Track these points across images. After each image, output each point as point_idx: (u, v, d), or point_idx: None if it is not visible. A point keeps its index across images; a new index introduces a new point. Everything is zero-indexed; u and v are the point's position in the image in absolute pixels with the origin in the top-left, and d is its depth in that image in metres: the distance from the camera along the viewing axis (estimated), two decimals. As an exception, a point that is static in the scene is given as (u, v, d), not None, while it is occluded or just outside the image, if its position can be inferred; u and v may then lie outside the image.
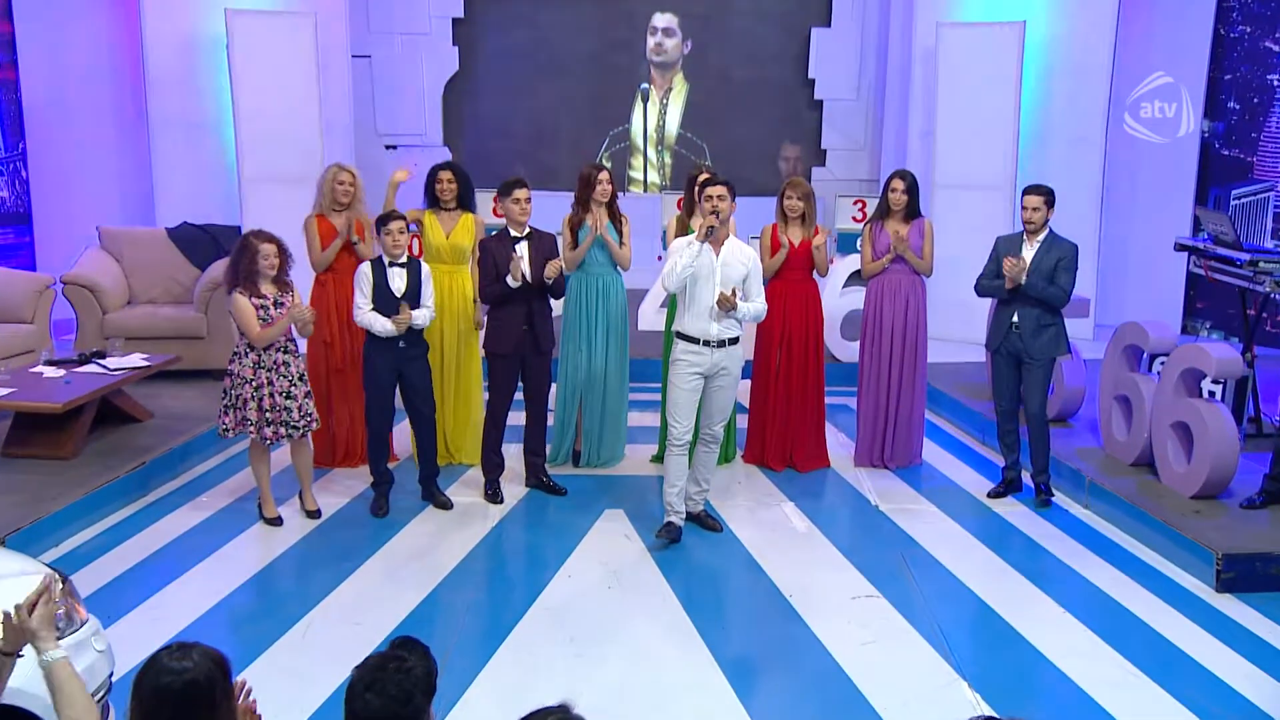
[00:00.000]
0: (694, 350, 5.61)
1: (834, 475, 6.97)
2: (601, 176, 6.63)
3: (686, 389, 5.64)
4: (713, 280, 5.56)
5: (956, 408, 8.11)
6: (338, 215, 6.57)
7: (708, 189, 5.65)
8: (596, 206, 6.64)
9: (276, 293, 5.77)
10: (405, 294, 5.97)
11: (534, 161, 12.00)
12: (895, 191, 6.75)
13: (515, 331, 6.16)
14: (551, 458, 6.89)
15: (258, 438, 5.80)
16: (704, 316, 5.58)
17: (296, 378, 5.84)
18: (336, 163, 6.72)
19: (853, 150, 12.30)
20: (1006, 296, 6.29)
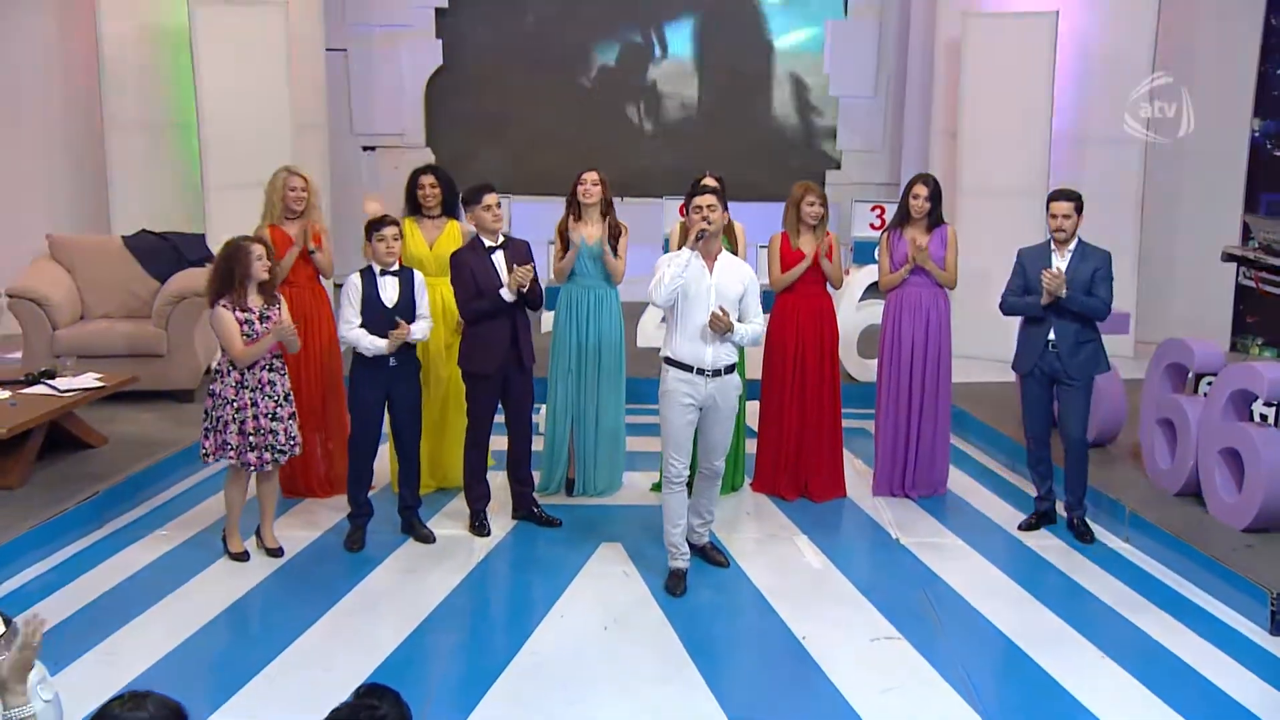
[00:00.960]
0: (687, 379, 5.52)
1: (851, 505, 6.96)
2: (586, 177, 6.64)
3: (681, 422, 5.57)
4: (706, 300, 5.47)
5: (984, 432, 8.10)
6: (292, 223, 6.58)
7: (695, 199, 5.58)
8: (588, 212, 6.66)
9: (263, 305, 5.78)
10: (398, 305, 5.97)
11: (526, 164, 12.05)
12: (918, 198, 6.76)
13: (499, 349, 6.16)
14: (542, 487, 6.89)
15: (238, 464, 5.78)
16: (697, 340, 5.48)
17: (282, 398, 5.84)
18: (285, 166, 6.74)
19: (870, 152, 12.34)
20: (1040, 313, 6.28)
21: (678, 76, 12.42)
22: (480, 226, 6.15)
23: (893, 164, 12.13)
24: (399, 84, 12.00)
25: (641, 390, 7.69)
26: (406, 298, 6.02)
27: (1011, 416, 8.12)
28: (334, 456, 6.83)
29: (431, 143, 12.17)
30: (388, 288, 6.01)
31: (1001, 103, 9.80)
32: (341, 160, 11.26)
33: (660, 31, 12.34)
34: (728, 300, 5.51)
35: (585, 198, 6.61)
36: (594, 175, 6.65)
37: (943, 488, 7.14)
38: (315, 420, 6.69)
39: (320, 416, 6.72)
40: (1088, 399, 6.35)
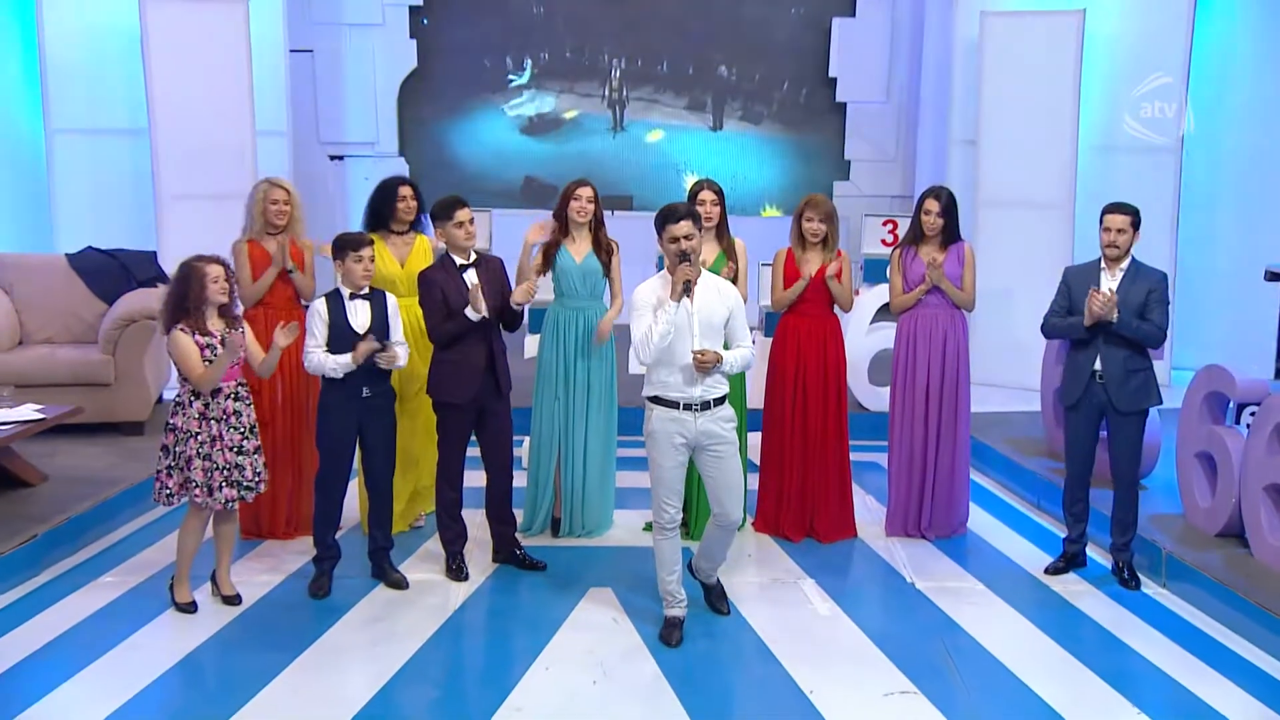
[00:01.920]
0: (674, 417, 5.44)
1: (862, 547, 6.95)
2: (581, 191, 6.65)
3: (672, 464, 5.52)
4: (689, 330, 5.41)
5: (1006, 466, 8.10)
6: (272, 239, 6.58)
7: (669, 227, 5.37)
8: (576, 229, 6.67)
9: (223, 328, 5.76)
10: (369, 331, 5.98)
11: (506, 176, 12.08)
12: (929, 214, 6.78)
13: (474, 375, 6.16)
14: (525, 527, 6.88)
15: (206, 502, 5.76)
16: (681, 374, 5.43)
17: (249, 429, 5.83)
18: (268, 178, 6.73)
19: (882, 162, 12.40)
20: (1084, 335, 6.27)
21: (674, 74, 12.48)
22: (451, 244, 6.15)
23: (906, 175, 12.19)
24: (370, 88, 12.03)
25: (634, 420, 7.66)
26: (379, 322, 6.02)
27: (1035, 448, 8.14)
28: (301, 494, 6.82)
29: (405, 151, 12.20)
30: (358, 312, 6.00)
31: (1024, 108, 9.86)
32: (307, 171, 11.27)
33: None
34: (712, 327, 5.44)
35: (579, 215, 6.63)
36: (589, 191, 6.66)
37: (962, 527, 7.14)
38: (288, 454, 6.68)
39: (293, 450, 6.71)
40: (1140, 434, 6.33)
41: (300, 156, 10.98)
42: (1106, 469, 6.50)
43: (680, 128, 12.48)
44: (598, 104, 12.44)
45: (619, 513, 7.13)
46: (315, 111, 11.91)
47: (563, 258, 6.67)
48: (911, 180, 11.89)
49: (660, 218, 5.47)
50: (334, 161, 12.10)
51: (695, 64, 12.40)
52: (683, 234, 5.37)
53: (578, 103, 12.45)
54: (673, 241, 5.39)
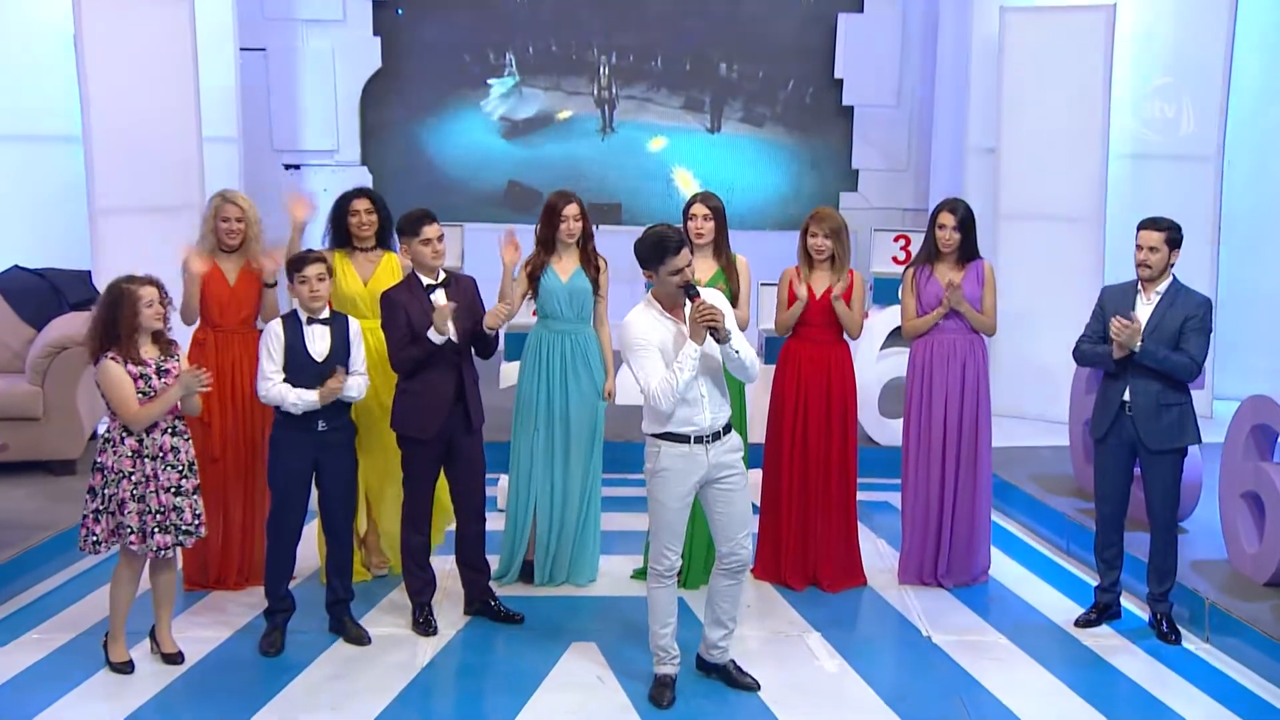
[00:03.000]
0: (685, 454, 5.44)
1: (872, 596, 6.94)
2: (568, 210, 6.65)
3: (679, 506, 5.52)
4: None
5: (1032, 507, 8.10)
6: (228, 258, 6.57)
7: (668, 261, 5.27)
8: (564, 247, 6.67)
9: (159, 356, 5.73)
10: (329, 358, 5.95)
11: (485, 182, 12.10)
12: (945, 229, 6.80)
13: (441, 406, 6.14)
14: (499, 574, 6.86)
15: (141, 549, 5.71)
16: (688, 402, 5.38)
17: (187, 467, 5.80)
18: (223, 192, 6.72)
19: (893, 171, 12.44)
20: (1113, 367, 6.27)
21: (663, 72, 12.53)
22: (417, 262, 6.14)
23: (919, 185, 12.22)
24: (329, 90, 12.05)
25: (621, 456, 7.67)
26: (339, 348, 6.00)
27: (1063, 487, 8.13)
28: (253, 540, 6.79)
29: (368, 160, 12.21)
30: (316, 337, 5.98)
31: (1049, 112, 9.89)
32: (259, 181, 11.25)
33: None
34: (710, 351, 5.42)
35: (566, 237, 6.64)
36: (575, 209, 6.67)
37: (983, 575, 7.13)
38: (238, 494, 6.65)
39: (244, 490, 6.68)
40: (1176, 474, 6.31)
41: (252, 165, 10.98)
42: (1142, 510, 6.50)
43: (675, 130, 12.51)
44: (586, 103, 12.46)
45: (605, 559, 7.11)
46: (269, 116, 11.92)
47: (548, 277, 6.67)
48: (925, 191, 11.93)
49: (650, 249, 5.36)
50: (289, 171, 12.11)
51: (692, 60, 12.43)
52: (686, 264, 5.34)
53: (564, 102, 12.47)
54: (674, 273, 5.34)
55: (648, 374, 5.31)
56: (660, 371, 5.29)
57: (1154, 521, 6.36)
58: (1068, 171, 9.87)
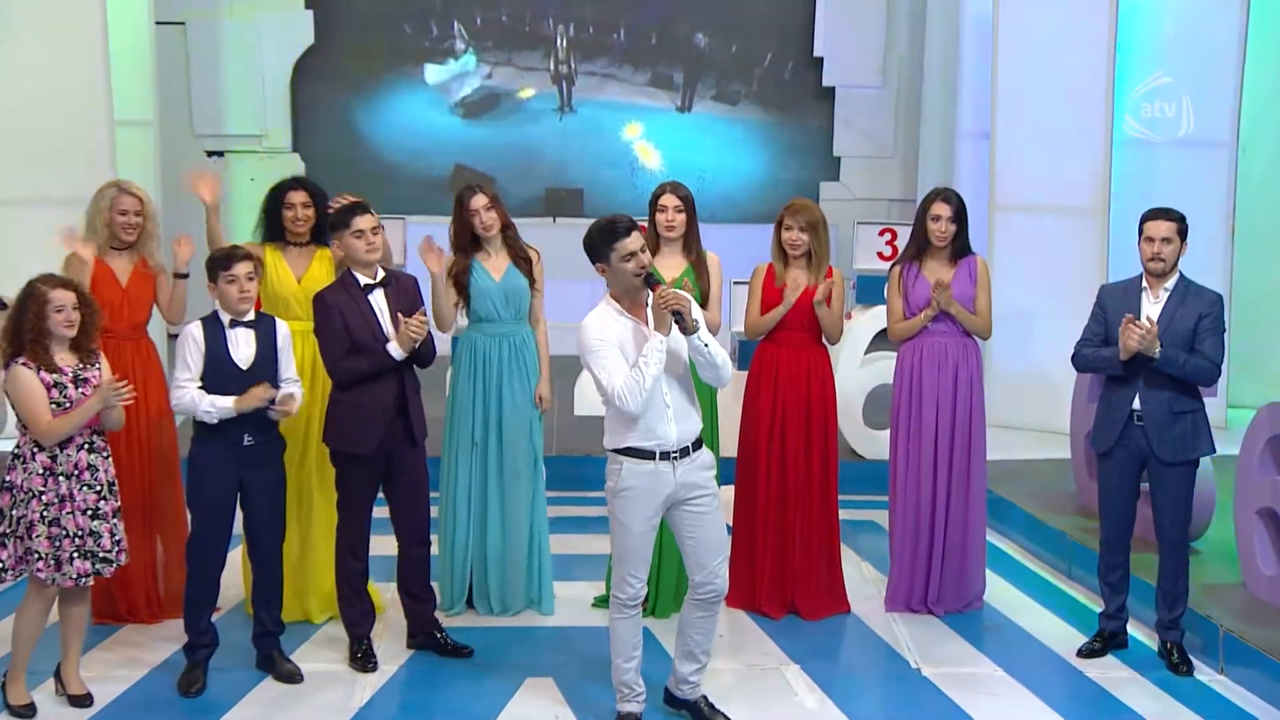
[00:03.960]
0: (651, 471, 5.42)
1: (857, 624, 6.96)
2: (475, 203, 6.64)
3: (644, 530, 5.50)
4: None
5: (1030, 526, 8.14)
6: (120, 255, 6.53)
7: (616, 245, 5.29)
8: (489, 243, 6.68)
9: (77, 364, 5.69)
10: (255, 366, 5.91)
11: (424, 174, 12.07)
12: (938, 220, 6.82)
13: (382, 418, 6.11)
14: (446, 605, 6.85)
15: (52, 577, 5.65)
16: (653, 414, 5.36)
17: (106, 488, 5.76)
18: (117, 182, 6.68)
19: (878, 158, 12.49)
20: (1120, 371, 6.31)
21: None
22: (351, 258, 6.10)
23: (907, 174, 12.28)
24: (256, 69, 12.01)
25: (582, 471, 7.66)
26: (266, 355, 5.96)
27: (1064, 504, 8.17)
28: (168, 568, 6.74)
29: (301, 146, 12.16)
30: (241, 342, 5.93)
31: (1048, 95, 9.95)
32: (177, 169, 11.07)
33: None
34: (671, 350, 5.37)
35: (483, 230, 6.65)
36: (483, 200, 6.65)
37: (978, 601, 7.16)
38: (143, 518, 6.60)
39: (149, 514, 6.64)
40: (1189, 488, 6.34)
41: (170, 152, 10.90)
42: (1150, 529, 6.53)
43: (641, 109, 12.49)
44: (541, 80, 12.44)
45: (560, 585, 7.10)
46: (188, 97, 11.88)
47: (479, 277, 6.66)
48: (913, 180, 11.99)
49: (599, 234, 5.36)
50: (212, 158, 12.06)
51: (659, 32, 12.42)
52: (638, 247, 5.34)
53: (516, 78, 12.44)
54: (625, 260, 5.34)
55: (610, 374, 5.28)
56: (624, 370, 5.28)
57: (1163, 541, 6.39)
58: (1069, 159, 9.93)
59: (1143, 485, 6.47)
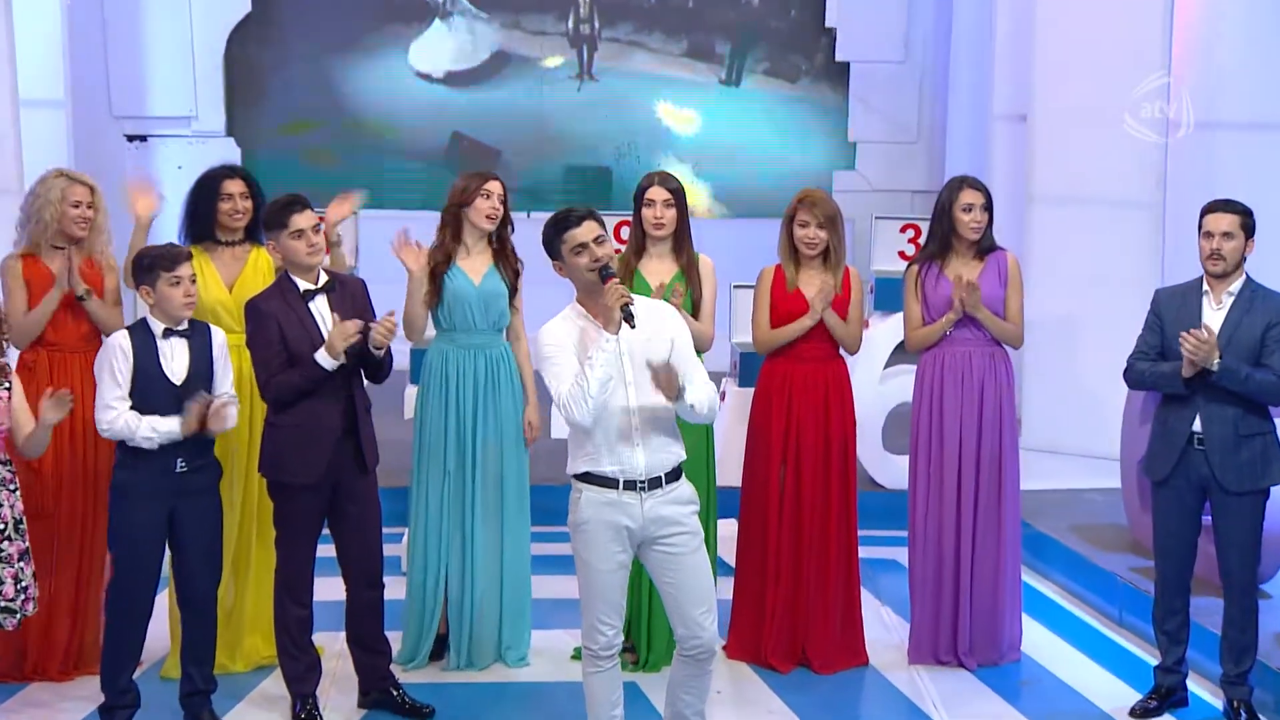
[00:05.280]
0: (612, 501, 5.40)
1: (876, 679, 6.98)
2: (490, 188, 6.66)
3: (609, 568, 5.47)
4: (620, 380, 5.37)
5: (1073, 565, 8.16)
6: (56, 255, 6.53)
7: (566, 234, 5.34)
8: (473, 237, 6.69)
9: None
10: (189, 381, 5.90)
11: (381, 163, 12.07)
12: (969, 210, 6.83)
13: (326, 443, 6.09)
14: (407, 658, 6.86)
15: None
16: (619, 439, 5.40)
17: (12, 526, 5.77)
18: (63, 171, 6.67)
19: (900, 144, 12.49)
20: (1182, 389, 6.32)
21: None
22: (290, 261, 6.10)
23: (932, 162, 12.30)
24: (184, 42, 12.00)
25: (553, 504, 7.64)
26: (201, 367, 5.96)
27: (1113, 540, 8.18)
28: (85, 616, 6.72)
29: (236, 131, 12.15)
30: (173, 354, 5.93)
31: (1093, 73, 9.96)
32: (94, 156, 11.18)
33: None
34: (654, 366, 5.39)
35: (487, 220, 6.65)
36: (499, 187, 6.68)
37: (1014, 651, 7.17)
38: (69, 558, 6.57)
39: (75, 552, 6.61)
40: (1257, 522, 6.33)
41: (84, 136, 10.92)
42: (1213, 569, 6.54)
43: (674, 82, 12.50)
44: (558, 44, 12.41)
45: (538, 634, 7.12)
46: (105, 74, 11.87)
47: (455, 279, 6.67)
48: (939, 169, 12.00)
49: (550, 227, 5.43)
50: (133, 144, 12.05)
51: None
52: (591, 238, 5.35)
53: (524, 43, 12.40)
54: (578, 252, 5.36)
55: (560, 380, 5.31)
56: (572, 375, 5.30)
57: (1229, 583, 6.39)
58: (1116, 144, 9.94)
59: (1205, 519, 6.47)
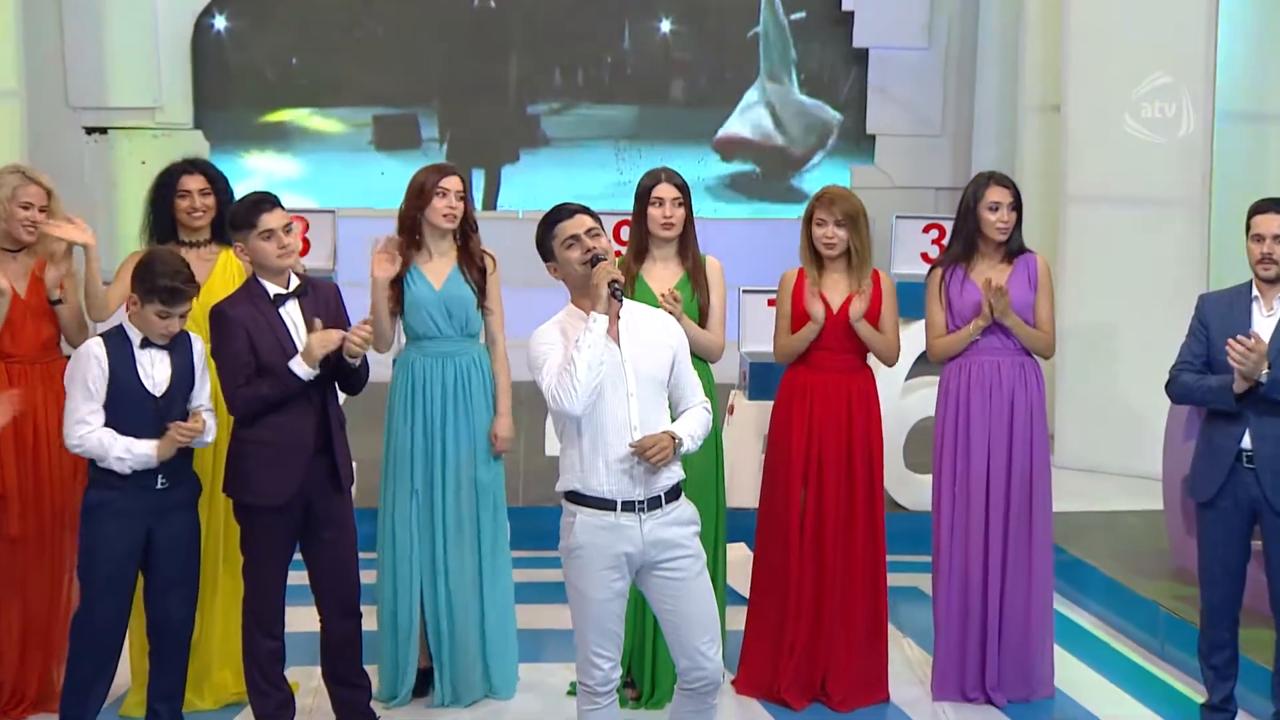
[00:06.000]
0: (609, 525, 5.39)
1: (898, 716, 6.98)
2: (446, 185, 6.65)
3: (604, 596, 5.46)
4: (621, 387, 5.35)
5: (1112, 593, 8.16)
6: (12, 259, 6.53)
7: (558, 227, 5.41)
8: (434, 238, 6.69)
9: None
10: (170, 393, 5.90)
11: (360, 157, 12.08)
12: (997, 208, 6.83)
13: (298, 460, 6.09)
14: (388, 694, 6.86)
15: None
16: (614, 458, 5.39)
17: None
18: (15, 166, 6.64)
19: (923, 137, 12.49)
20: (1231, 405, 6.31)
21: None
22: (259, 263, 6.09)
23: (958, 156, 12.30)
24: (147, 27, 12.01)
25: (546, 527, 7.64)
26: (182, 379, 5.95)
27: (1155, 567, 8.17)
28: (48, 649, 6.66)
29: (203, 122, 12.15)
30: (154, 363, 5.92)
31: (1133, 58, 9.95)
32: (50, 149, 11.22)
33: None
34: (654, 381, 5.42)
35: (445, 220, 6.66)
36: (457, 183, 6.68)
37: (1046, 687, 7.14)
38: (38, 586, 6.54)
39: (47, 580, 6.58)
40: None
41: (41, 128, 10.94)
42: (1264, 597, 6.52)
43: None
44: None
45: (526, 667, 7.12)
46: (62, 62, 11.87)
47: (415, 284, 6.67)
48: (965, 164, 12.00)
49: (541, 225, 5.50)
50: (92, 137, 12.05)
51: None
52: (584, 229, 5.37)
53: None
54: (569, 245, 5.38)
55: (549, 374, 5.31)
56: (558, 366, 5.30)
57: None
58: (1160, 136, 9.92)
59: (1255, 543, 6.47)
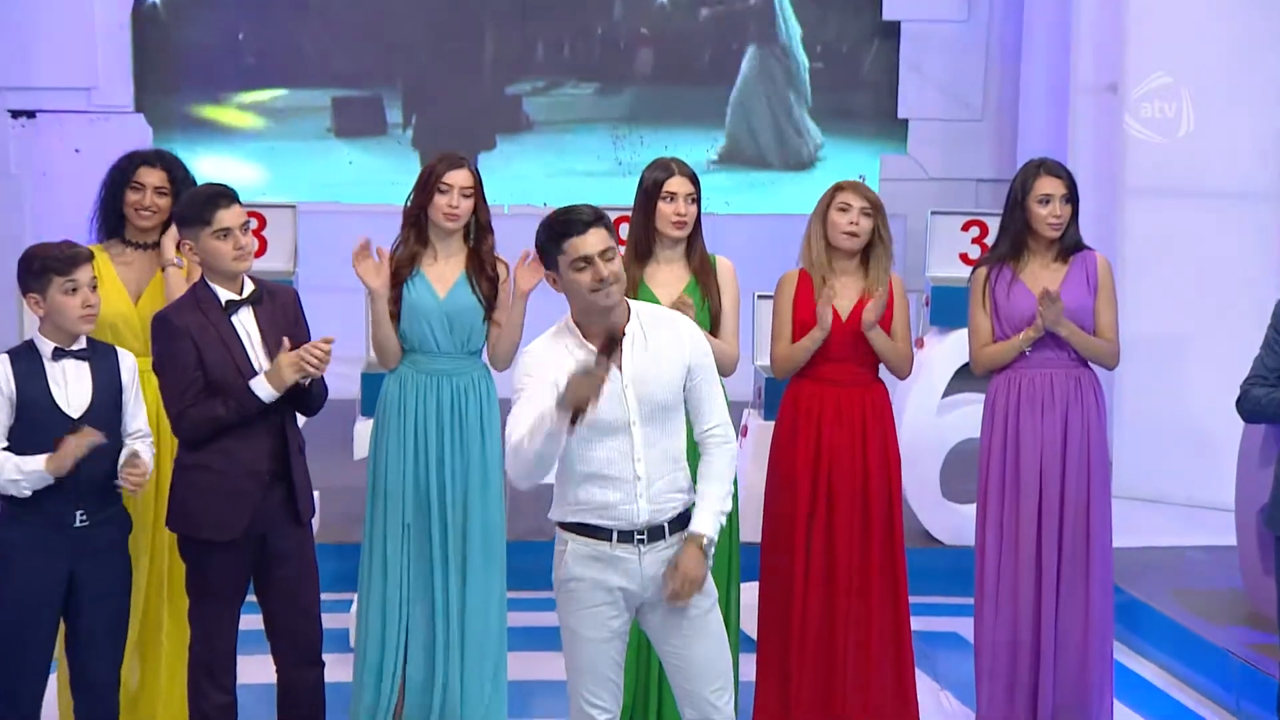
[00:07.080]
0: (604, 555, 5.39)
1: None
2: (451, 180, 6.65)
3: (600, 637, 5.46)
4: (620, 412, 5.33)
5: (1178, 638, 8.16)
6: None
7: (569, 242, 5.18)
8: (441, 240, 6.70)
9: None
10: (90, 413, 5.88)
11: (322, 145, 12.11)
12: (1049, 200, 6.83)
13: (251, 488, 6.06)
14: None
15: None
16: (613, 481, 5.37)
17: None
18: None
19: (962, 122, 12.50)
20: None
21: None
22: (210, 265, 6.07)
23: (1002, 144, 12.30)
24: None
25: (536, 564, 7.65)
26: (107, 399, 5.94)
27: (1228, 609, 8.17)
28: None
29: (145, 106, 12.17)
30: (69, 379, 5.91)
31: (1201, 35, 9.96)
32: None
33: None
34: (659, 406, 5.34)
35: (446, 220, 6.65)
36: (465, 177, 6.66)
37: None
38: None
39: None
40: None
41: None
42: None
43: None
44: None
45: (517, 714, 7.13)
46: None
47: (416, 289, 6.68)
48: (1010, 153, 12.00)
49: (546, 230, 5.35)
50: (18, 120, 12.07)
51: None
52: (598, 251, 5.23)
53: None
54: (579, 268, 5.25)
55: (515, 421, 5.19)
56: (531, 419, 5.14)
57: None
58: (1229, 125, 9.94)
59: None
